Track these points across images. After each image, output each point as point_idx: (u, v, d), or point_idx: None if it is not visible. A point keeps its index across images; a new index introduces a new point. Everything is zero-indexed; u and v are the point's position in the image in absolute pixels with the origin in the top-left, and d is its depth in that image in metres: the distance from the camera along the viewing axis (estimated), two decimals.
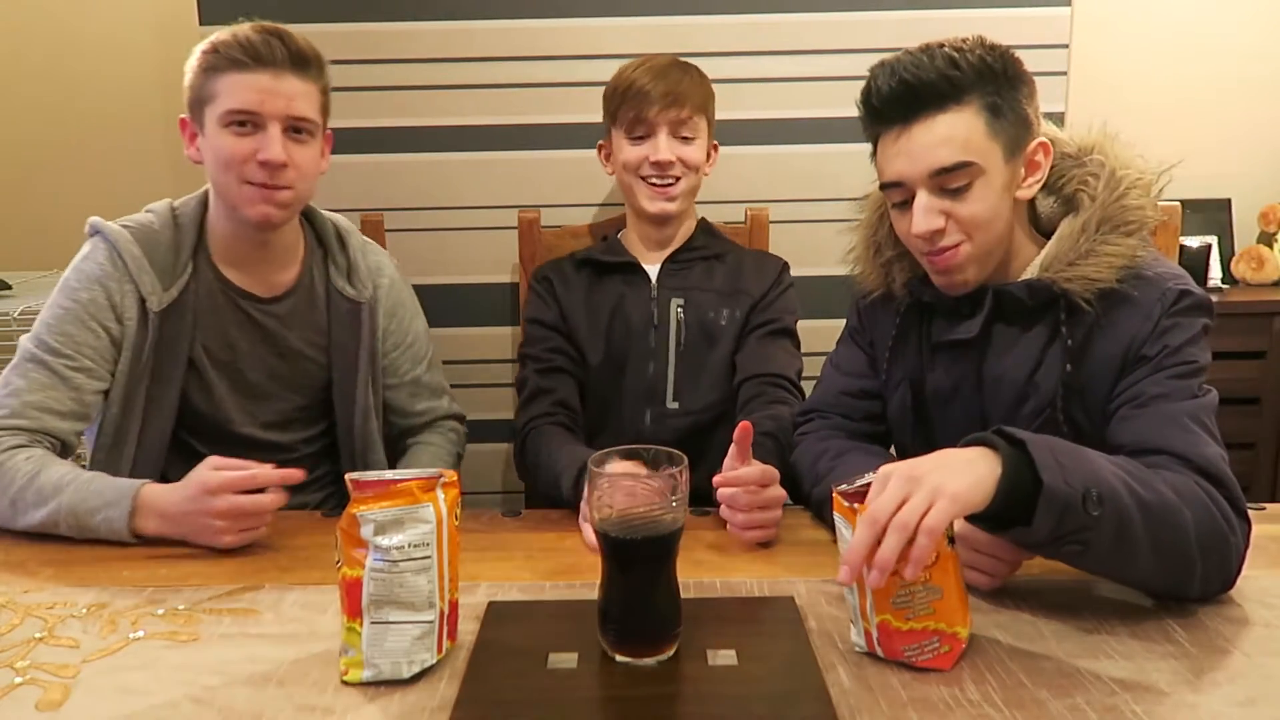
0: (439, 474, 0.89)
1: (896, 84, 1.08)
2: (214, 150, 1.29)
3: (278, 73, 1.27)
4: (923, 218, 1.10)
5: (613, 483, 0.86)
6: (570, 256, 1.65)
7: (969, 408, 1.21)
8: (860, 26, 1.89)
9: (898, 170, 1.11)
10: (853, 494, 0.89)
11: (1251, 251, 2.58)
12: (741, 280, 1.59)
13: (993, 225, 1.11)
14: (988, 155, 1.08)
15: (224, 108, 1.27)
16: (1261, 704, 0.82)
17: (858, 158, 1.92)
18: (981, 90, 1.08)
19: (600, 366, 1.57)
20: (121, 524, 1.14)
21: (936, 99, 1.07)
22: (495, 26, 1.88)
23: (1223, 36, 2.58)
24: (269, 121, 1.27)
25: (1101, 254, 1.10)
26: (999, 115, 1.09)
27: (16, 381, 1.27)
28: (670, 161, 1.53)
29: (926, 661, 0.87)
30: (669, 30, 1.89)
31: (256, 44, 1.26)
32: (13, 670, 0.90)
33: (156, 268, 1.32)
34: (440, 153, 1.93)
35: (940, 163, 1.08)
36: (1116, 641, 0.92)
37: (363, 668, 0.86)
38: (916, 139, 1.08)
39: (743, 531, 1.15)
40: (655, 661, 0.88)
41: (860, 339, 1.36)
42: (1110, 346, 1.11)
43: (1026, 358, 1.15)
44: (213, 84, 1.28)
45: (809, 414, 1.36)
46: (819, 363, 1.85)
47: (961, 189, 1.09)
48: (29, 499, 1.18)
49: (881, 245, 1.25)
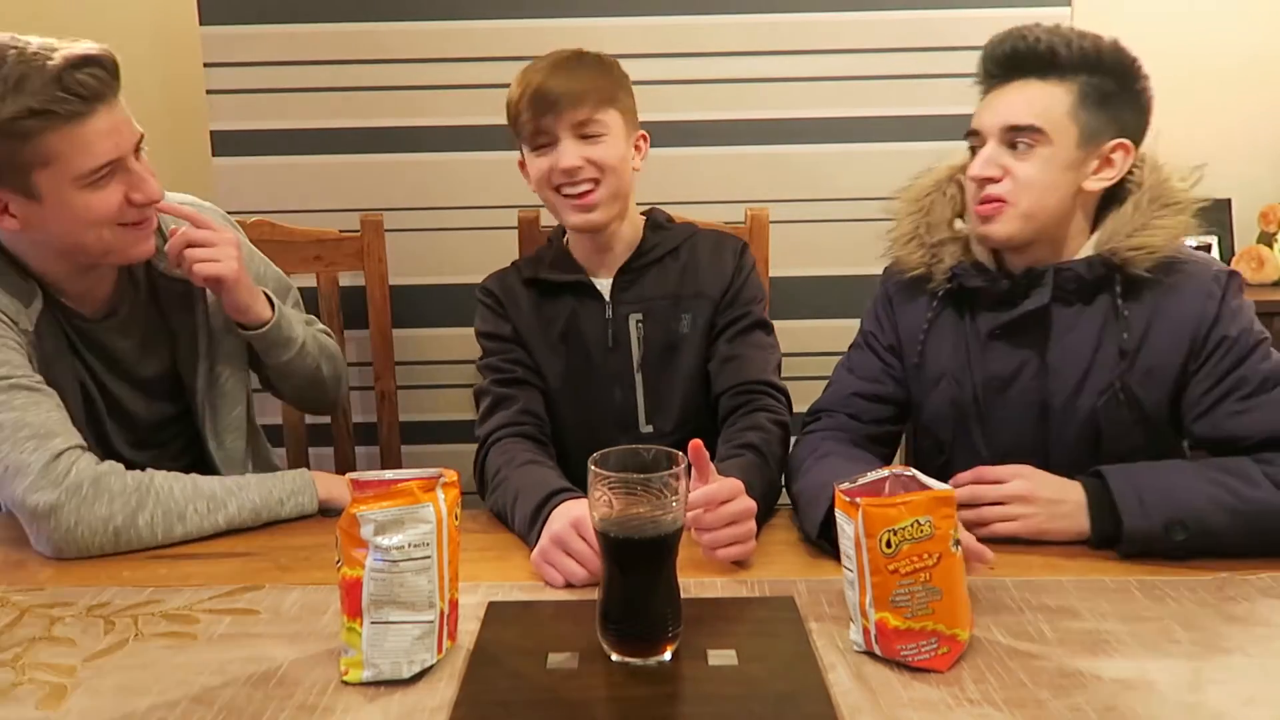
0: (439, 474, 0.89)
1: (1008, 46, 1.20)
2: (76, 209, 1.15)
3: (110, 106, 1.14)
4: (981, 164, 1.20)
5: (613, 483, 0.86)
6: (516, 269, 1.48)
7: (1027, 393, 1.25)
8: (860, 26, 1.89)
9: (979, 120, 1.22)
10: (855, 491, 0.90)
11: (1251, 251, 2.57)
12: (699, 277, 1.43)
13: (1044, 196, 1.19)
14: (1061, 131, 1.18)
15: (86, 167, 1.13)
16: (1261, 704, 0.82)
17: (858, 158, 1.94)
18: (1078, 75, 1.18)
19: (561, 390, 1.42)
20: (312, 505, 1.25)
21: (1037, 67, 1.19)
22: (495, 26, 1.89)
23: (1223, 37, 2.58)
24: (129, 158, 1.17)
25: (1156, 227, 1.18)
26: (1087, 103, 1.18)
27: (4, 415, 1.14)
28: (577, 166, 1.34)
29: (924, 661, 0.87)
30: (669, 30, 1.89)
31: (86, 82, 1.12)
32: (13, 670, 0.90)
33: (8, 292, 1.20)
34: (440, 153, 1.93)
35: (1013, 120, 1.18)
36: (1116, 641, 0.92)
37: (363, 668, 0.86)
38: (1005, 96, 1.20)
39: (714, 552, 1.08)
40: (655, 661, 0.88)
41: (878, 342, 1.36)
42: (1171, 323, 1.19)
43: (1087, 337, 1.21)
44: (45, 145, 1.11)
45: (818, 414, 1.37)
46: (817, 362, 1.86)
47: (1025, 149, 1.18)
48: (202, 508, 1.19)
49: (933, 225, 1.30)
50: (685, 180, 1.73)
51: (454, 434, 2.03)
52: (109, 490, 1.14)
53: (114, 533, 1.14)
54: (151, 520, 1.16)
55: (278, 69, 1.88)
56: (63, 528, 1.12)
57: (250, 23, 1.86)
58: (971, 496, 1.13)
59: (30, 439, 1.13)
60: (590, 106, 1.34)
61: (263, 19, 1.86)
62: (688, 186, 1.89)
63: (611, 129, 1.36)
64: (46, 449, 1.13)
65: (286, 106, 1.90)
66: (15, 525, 1.23)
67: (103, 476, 1.15)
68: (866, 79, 1.91)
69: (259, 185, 1.91)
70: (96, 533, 1.13)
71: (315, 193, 1.93)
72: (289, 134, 1.91)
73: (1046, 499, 1.13)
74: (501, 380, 1.39)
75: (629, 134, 1.40)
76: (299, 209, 1.91)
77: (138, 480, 1.17)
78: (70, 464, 1.14)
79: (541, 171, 1.37)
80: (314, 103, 1.90)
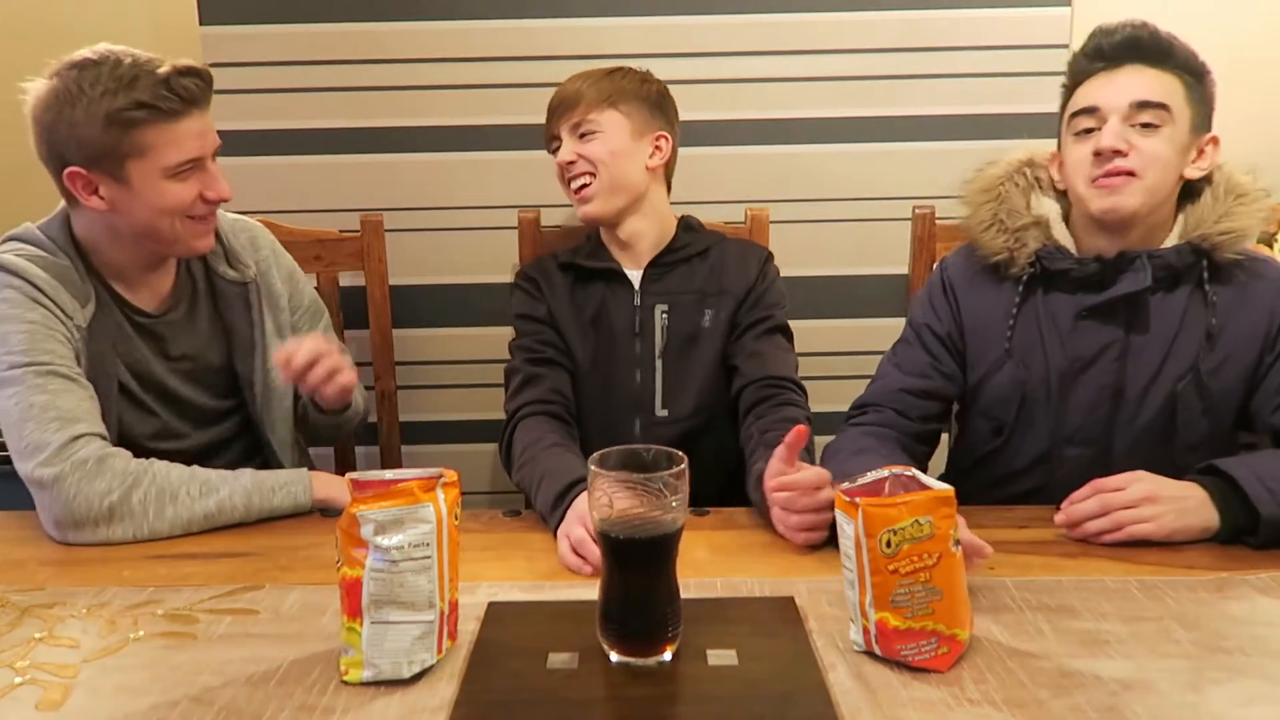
0: (439, 474, 0.89)
1: (1128, 32, 1.26)
2: (158, 196, 1.26)
3: (202, 112, 1.28)
4: (1111, 136, 1.23)
5: (613, 483, 0.86)
6: (553, 256, 1.61)
7: (1105, 375, 1.29)
8: (860, 26, 1.89)
9: (1099, 98, 1.25)
10: (855, 491, 0.90)
11: None
12: (724, 278, 1.54)
13: (1165, 174, 1.24)
14: (1180, 113, 1.25)
15: (174, 160, 1.25)
16: (1261, 704, 0.82)
17: (858, 158, 1.94)
18: (1185, 69, 1.26)
19: (588, 371, 1.54)
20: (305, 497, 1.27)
21: (1154, 55, 1.26)
22: (495, 26, 1.88)
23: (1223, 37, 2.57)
24: (207, 160, 1.30)
25: (1238, 213, 1.26)
26: (1192, 95, 1.26)
27: (37, 398, 1.21)
28: (570, 161, 1.50)
29: (923, 661, 0.87)
30: (669, 30, 1.88)
31: (189, 87, 1.25)
32: (13, 670, 0.90)
33: (68, 290, 1.28)
34: (440, 153, 1.93)
35: (1144, 95, 1.23)
36: (1116, 641, 0.92)
37: (363, 668, 0.86)
38: (1126, 76, 1.25)
39: (796, 533, 1.15)
40: (655, 661, 0.88)
41: (931, 334, 1.39)
42: (1251, 312, 1.26)
43: (1171, 322, 1.27)
44: (144, 136, 1.23)
45: (864, 408, 1.39)
46: (818, 362, 1.87)
47: (1150, 127, 1.23)
48: (194, 491, 1.22)
49: (1013, 211, 1.33)
50: (685, 180, 1.72)
51: (454, 434, 2.03)
52: (111, 469, 1.20)
53: (108, 509, 1.18)
54: (145, 498, 1.19)
55: (278, 69, 1.88)
56: (62, 499, 1.17)
57: (250, 23, 1.86)
58: (1102, 505, 1.14)
59: (55, 420, 1.20)
60: (584, 108, 1.49)
61: (263, 19, 1.86)
62: (688, 186, 1.87)
63: (607, 128, 1.49)
64: (68, 431, 1.20)
65: (286, 106, 1.89)
66: (15, 525, 1.24)
67: (108, 456, 1.21)
68: (866, 79, 1.91)
69: (259, 185, 1.91)
70: (92, 507, 1.17)
71: (315, 193, 1.93)
72: (289, 134, 1.91)
73: (1171, 497, 1.14)
74: (532, 359, 1.51)
75: (636, 134, 1.51)
76: (299, 209, 1.91)
77: (140, 463, 1.23)
78: (83, 445, 1.20)
79: (556, 171, 1.53)
80: (314, 103, 1.90)
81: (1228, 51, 2.57)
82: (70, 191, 1.27)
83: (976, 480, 1.40)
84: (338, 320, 1.82)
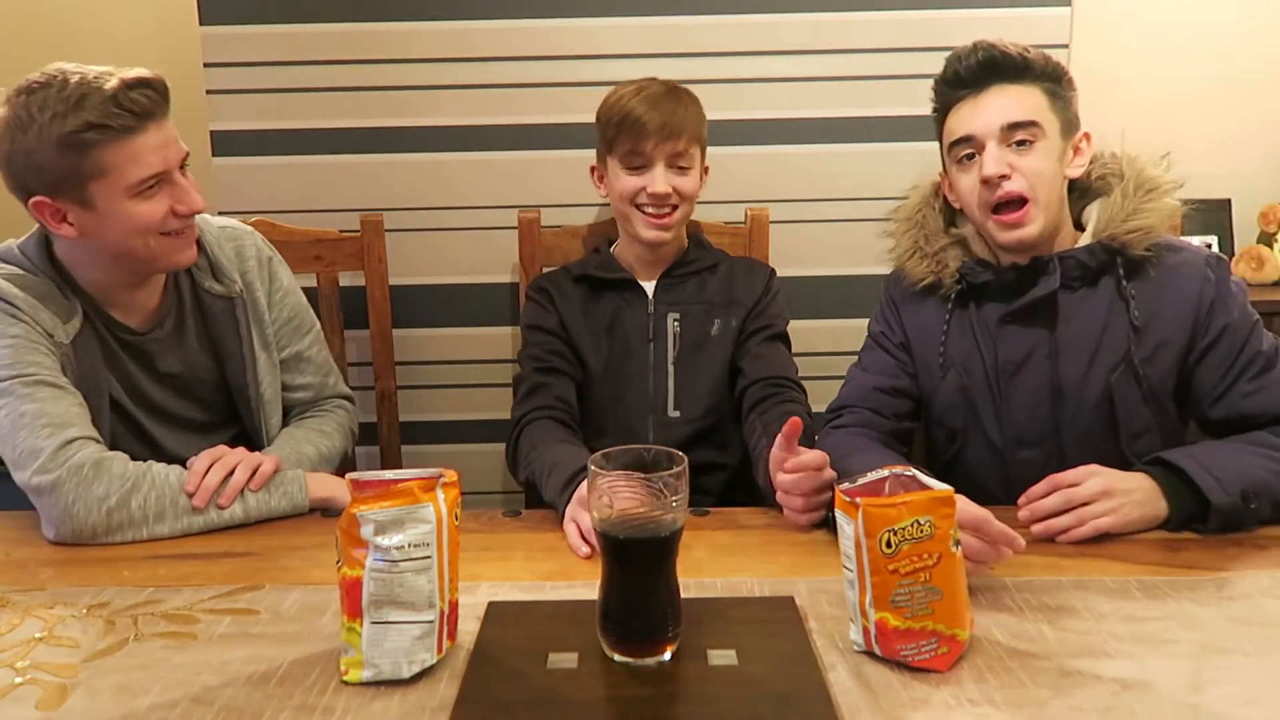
0: (439, 474, 0.89)
1: (982, 56, 1.29)
2: (127, 217, 1.23)
3: (160, 124, 1.23)
4: (992, 162, 1.27)
5: (613, 483, 0.86)
6: (565, 270, 1.66)
7: (1040, 375, 1.32)
8: (860, 26, 1.89)
9: (972, 126, 1.29)
10: (855, 491, 0.90)
11: (1251, 251, 2.57)
12: (734, 290, 1.62)
13: (1052, 187, 1.29)
14: (1049, 124, 1.28)
15: (136, 177, 1.21)
16: (1261, 704, 0.82)
17: (858, 158, 1.94)
18: (1043, 78, 1.30)
19: (602, 376, 1.59)
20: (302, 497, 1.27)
21: (1013, 72, 1.29)
22: (495, 26, 1.88)
23: (1223, 36, 2.58)
24: (173, 172, 1.25)
25: (1148, 210, 1.29)
26: (1056, 100, 1.30)
27: (28, 406, 1.20)
28: (667, 193, 1.53)
29: (924, 661, 0.87)
30: (669, 30, 1.88)
31: (139, 100, 1.20)
32: (13, 670, 0.90)
33: (49, 309, 1.27)
34: (440, 153, 1.93)
35: (1012, 118, 1.27)
36: (1117, 641, 0.92)
37: (363, 668, 0.86)
38: (991, 100, 1.29)
39: (801, 515, 1.19)
40: (655, 661, 0.88)
41: (888, 341, 1.44)
42: (1173, 301, 1.28)
43: (1094, 318, 1.30)
44: (101, 157, 1.19)
45: (840, 410, 1.41)
46: (818, 362, 1.86)
47: (1026, 144, 1.27)
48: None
49: (930, 236, 1.39)
50: None
51: (454, 434, 2.03)
52: (109, 473, 1.20)
53: (106, 513, 1.18)
54: (144, 503, 1.19)
55: (278, 69, 1.88)
56: (61, 504, 1.17)
57: (250, 23, 1.86)
58: (1065, 501, 1.15)
59: (47, 426, 1.20)
60: (685, 140, 1.54)
61: (263, 19, 1.86)
62: None
63: (695, 163, 1.57)
64: (59, 436, 1.19)
65: (286, 106, 1.89)
66: (15, 525, 1.24)
67: (105, 460, 1.21)
68: (866, 79, 1.91)
69: (259, 185, 1.91)
70: (91, 511, 1.17)
71: (315, 193, 1.93)
72: (289, 134, 1.91)
73: (1125, 489, 1.16)
74: (540, 368, 1.56)
75: (702, 167, 1.61)
76: (299, 209, 1.91)
77: (137, 466, 1.22)
78: (78, 449, 1.20)
79: (629, 189, 1.55)
80: (314, 103, 1.89)
81: (1227, 51, 2.58)
82: (40, 220, 1.25)
83: None
84: (338, 320, 1.82)
